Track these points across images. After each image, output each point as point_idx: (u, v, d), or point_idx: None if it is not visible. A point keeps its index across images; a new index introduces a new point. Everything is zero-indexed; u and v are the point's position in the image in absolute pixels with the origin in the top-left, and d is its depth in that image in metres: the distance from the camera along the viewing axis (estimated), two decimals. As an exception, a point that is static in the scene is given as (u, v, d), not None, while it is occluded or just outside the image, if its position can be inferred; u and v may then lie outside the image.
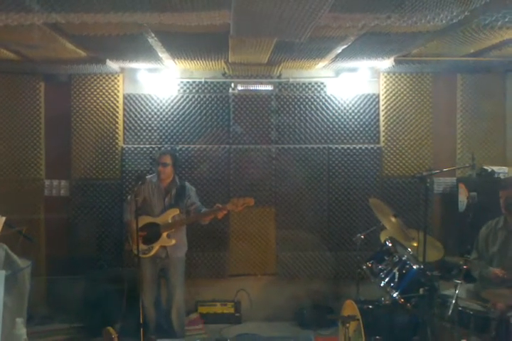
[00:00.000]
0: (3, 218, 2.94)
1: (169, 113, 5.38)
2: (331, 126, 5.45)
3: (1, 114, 5.28)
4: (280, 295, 5.40)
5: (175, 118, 5.39)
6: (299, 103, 5.43)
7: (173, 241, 4.44)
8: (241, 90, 5.37)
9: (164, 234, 4.42)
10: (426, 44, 4.17)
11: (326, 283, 5.37)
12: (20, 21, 3.26)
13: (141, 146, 5.37)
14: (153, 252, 4.43)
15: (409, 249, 4.06)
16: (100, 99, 5.34)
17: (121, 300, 4.75)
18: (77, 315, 4.95)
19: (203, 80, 5.37)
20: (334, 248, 5.40)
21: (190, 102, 5.38)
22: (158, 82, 5.31)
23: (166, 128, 5.39)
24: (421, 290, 3.55)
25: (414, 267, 3.83)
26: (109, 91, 5.35)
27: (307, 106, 5.43)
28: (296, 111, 5.43)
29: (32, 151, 5.32)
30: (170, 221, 4.45)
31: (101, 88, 5.34)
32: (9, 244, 3.07)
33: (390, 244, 4.09)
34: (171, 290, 4.56)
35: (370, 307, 3.89)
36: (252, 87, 5.37)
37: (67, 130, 5.34)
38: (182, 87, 5.40)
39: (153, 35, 3.88)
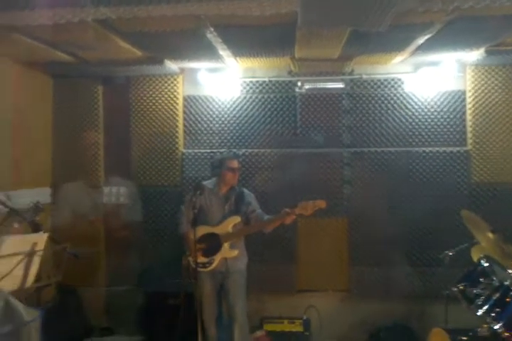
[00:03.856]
0: (46, 234, 2.69)
1: (231, 115, 5.08)
2: (410, 127, 4.92)
3: (59, 119, 5.15)
4: (354, 314, 4.92)
5: (237, 121, 5.08)
6: (373, 102, 4.96)
7: (236, 252, 4.12)
8: (309, 89, 4.95)
9: (226, 245, 4.11)
10: (528, 29, 3.57)
11: (405, 302, 4.80)
12: (68, 18, 3.03)
13: (202, 151, 5.11)
14: (214, 265, 4.12)
15: (509, 270, 3.45)
16: (160, 101, 5.12)
17: (181, 314, 4.53)
18: (137, 328, 4.80)
19: (267, 79, 5.03)
20: (416, 263, 4.84)
21: (254, 103, 5.06)
22: (220, 82, 5.02)
23: (228, 131, 5.10)
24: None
25: (523, 295, 3.22)
26: (169, 93, 5.12)
27: (383, 105, 4.94)
28: (370, 111, 4.96)
29: (90, 157, 5.15)
30: (231, 230, 4.12)
31: (160, 90, 5.12)
32: (54, 260, 2.83)
33: (486, 264, 3.51)
34: (232, 307, 4.22)
35: (464, 338, 3.33)
36: (321, 85, 4.95)
37: (126, 134, 5.16)
38: (245, 87, 5.08)
39: (212, 29, 3.58)
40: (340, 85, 4.93)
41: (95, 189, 5.12)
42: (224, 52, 4.31)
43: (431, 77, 4.84)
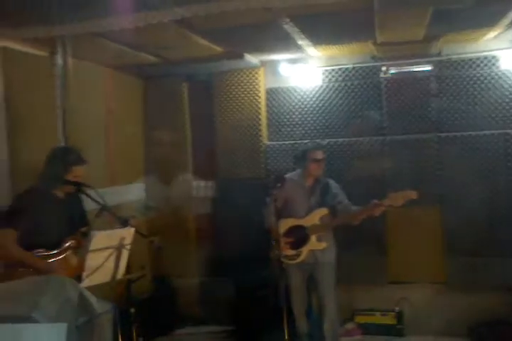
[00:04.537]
0: (133, 229, 2.83)
1: (314, 105, 5.02)
2: (507, 107, 4.55)
3: (150, 118, 5.36)
4: (450, 307, 4.67)
5: (320, 111, 5.00)
6: (465, 83, 4.64)
7: (324, 245, 4.06)
8: (394, 73, 4.78)
9: (313, 237, 4.06)
10: None
11: (507, 295, 4.49)
12: (147, 20, 3.14)
13: (286, 143, 5.10)
14: (301, 258, 4.09)
15: None
16: (242, 95, 5.18)
17: (271, 306, 4.59)
18: (228, 318, 4.90)
19: (349, 66, 4.90)
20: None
21: (337, 91, 4.95)
22: (301, 72, 4.96)
23: (312, 121, 5.03)
24: None
25: None
26: (251, 86, 5.15)
27: (475, 85, 4.62)
28: (462, 93, 4.65)
29: (179, 152, 5.33)
30: (318, 222, 4.07)
31: (242, 84, 5.17)
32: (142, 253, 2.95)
33: None
34: (321, 299, 4.19)
35: None
36: (406, 69, 4.76)
37: (211, 129, 5.28)
38: (327, 76, 4.98)
39: (287, 20, 3.53)
40: (428, 68, 4.70)
41: (185, 183, 5.28)
42: (303, 42, 4.26)
43: (530, 53, 4.46)
